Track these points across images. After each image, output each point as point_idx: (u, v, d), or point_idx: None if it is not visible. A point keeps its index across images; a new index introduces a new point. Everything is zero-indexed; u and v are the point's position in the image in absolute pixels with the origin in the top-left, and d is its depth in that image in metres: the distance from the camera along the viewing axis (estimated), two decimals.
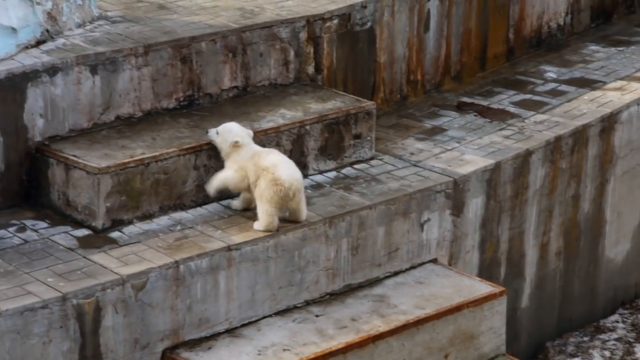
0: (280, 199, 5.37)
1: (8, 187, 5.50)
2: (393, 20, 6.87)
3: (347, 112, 6.15)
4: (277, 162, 5.41)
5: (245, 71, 6.21)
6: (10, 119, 5.44)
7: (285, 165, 5.43)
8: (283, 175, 5.37)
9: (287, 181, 5.36)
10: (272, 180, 5.35)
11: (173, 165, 5.55)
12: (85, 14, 6.04)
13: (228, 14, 6.33)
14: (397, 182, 6.04)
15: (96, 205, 5.35)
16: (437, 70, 7.28)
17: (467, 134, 6.69)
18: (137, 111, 5.85)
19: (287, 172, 5.39)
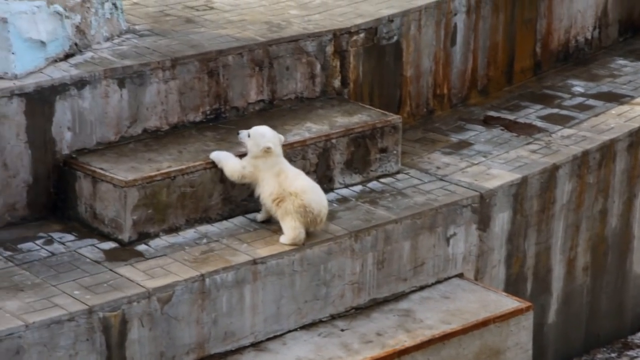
0: (305, 223, 5.40)
1: (36, 199, 5.53)
2: (419, 34, 6.87)
3: (373, 126, 6.14)
4: (307, 189, 5.41)
5: (272, 85, 6.22)
6: (39, 132, 5.47)
7: (314, 192, 5.43)
8: (313, 203, 5.38)
9: (316, 209, 5.39)
10: (302, 207, 5.36)
11: (199, 179, 5.57)
12: (113, 27, 6.07)
13: (255, 27, 6.35)
14: (423, 196, 6.03)
15: (123, 218, 5.37)
16: (464, 84, 7.26)
17: (494, 148, 6.67)
18: (164, 124, 5.87)
19: (316, 199, 5.41)
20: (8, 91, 5.36)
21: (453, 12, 7.07)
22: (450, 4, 7.03)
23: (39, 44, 5.58)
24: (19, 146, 5.43)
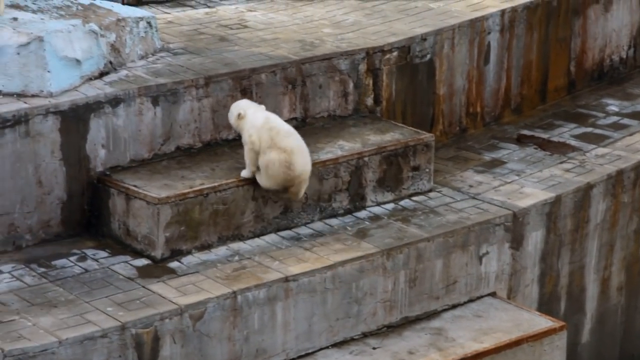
0: (283, 180, 5.51)
1: (70, 216, 5.57)
2: (453, 53, 6.86)
3: (406, 144, 6.14)
4: (296, 149, 5.51)
5: (305, 102, 6.24)
6: (74, 149, 5.52)
7: (302, 154, 5.52)
8: (297, 164, 5.48)
9: (298, 170, 5.49)
10: (286, 163, 5.46)
11: (232, 196, 5.59)
12: (147, 46, 6.12)
13: (288, 46, 6.37)
14: (455, 215, 6.01)
15: (155, 235, 5.40)
16: (497, 102, 7.25)
17: (527, 167, 6.64)
18: (197, 142, 5.90)
19: (302, 161, 5.51)
20: (43, 109, 5.41)
21: (487, 31, 7.06)
22: (484, 23, 7.02)
23: (75, 62, 5.63)
24: (53, 163, 5.48)
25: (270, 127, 5.53)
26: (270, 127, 5.54)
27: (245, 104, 5.67)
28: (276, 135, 5.52)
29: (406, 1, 7.25)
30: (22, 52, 5.47)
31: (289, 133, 5.57)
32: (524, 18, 7.27)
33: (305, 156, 5.58)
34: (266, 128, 5.53)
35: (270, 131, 5.52)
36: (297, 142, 5.56)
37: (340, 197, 5.95)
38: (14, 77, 5.48)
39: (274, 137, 5.51)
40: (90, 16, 5.83)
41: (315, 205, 5.87)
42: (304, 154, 5.56)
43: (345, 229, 5.82)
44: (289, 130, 5.59)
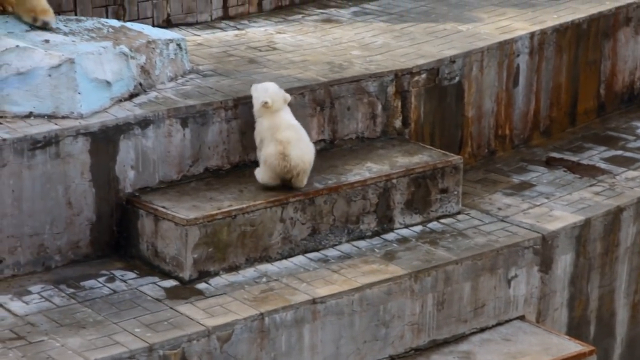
0: (280, 172, 5.57)
1: (99, 237, 5.60)
2: (482, 75, 6.86)
3: (434, 167, 6.13)
4: (292, 140, 5.56)
5: (333, 124, 6.25)
6: (103, 170, 5.55)
7: (298, 145, 5.58)
8: (292, 155, 5.54)
9: (293, 161, 5.55)
10: (281, 155, 5.52)
11: (259, 218, 5.60)
12: (177, 67, 6.16)
13: (317, 68, 6.39)
14: (484, 238, 5.98)
15: (183, 256, 5.42)
16: (526, 125, 7.23)
17: (556, 190, 6.61)
18: (225, 163, 5.92)
19: (297, 153, 5.56)
20: (74, 130, 5.45)
21: (516, 53, 7.05)
22: (513, 45, 7.01)
23: (105, 84, 5.67)
24: (83, 184, 5.51)
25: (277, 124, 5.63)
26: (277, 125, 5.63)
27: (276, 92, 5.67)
28: (277, 130, 5.59)
29: (435, 23, 7.25)
30: (53, 74, 5.52)
31: (288, 125, 5.64)
32: (554, 40, 7.26)
33: (303, 147, 5.62)
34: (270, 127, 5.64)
35: (271, 129, 5.62)
36: (295, 134, 5.62)
37: (368, 219, 5.94)
38: (45, 99, 5.53)
39: (274, 131, 5.60)
40: (120, 38, 5.88)
41: (343, 227, 5.87)
42: (300, 145, 5.62)
43: (373, 251, 5.81)
44: (289, 123, 5.65)
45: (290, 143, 5.57)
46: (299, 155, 5.59)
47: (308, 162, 5.66)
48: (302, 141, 5.65)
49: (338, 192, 5.82)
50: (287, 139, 5.58)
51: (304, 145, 5.65)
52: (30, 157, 5.35)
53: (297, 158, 5.58)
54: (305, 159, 5.62)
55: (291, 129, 5.63)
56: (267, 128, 5.64)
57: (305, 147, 5.66)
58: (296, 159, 5.58)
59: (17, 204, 5.36)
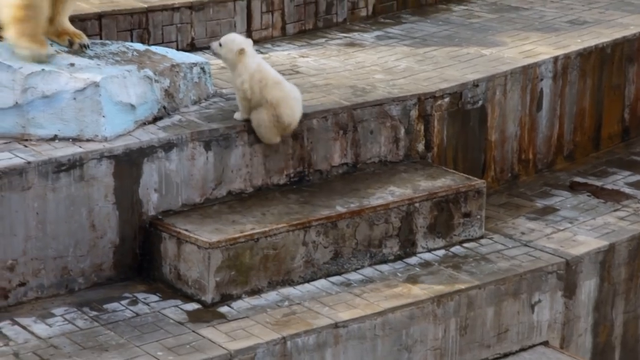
0: (277, 133, 5.78)
1: (122, 260, 5.61)
2: (505, 99, 6.85)
3: (457, 191, 6.12)
4: (281, 100, 5.69)
5: (356, 148, 6.25)
6: (127, 193, 5.57)
7: (288, 103, 5.72)
8: (284, 115, 5.70)
9: (286, 121, 5.73)
10: (274, 117, 5.70)
11: (282, 241, 5.60)
12: (201, 91, 6.18)
13: (340, 91, 6.40)
14: (507, 262, 5.96)
15: (206, 279, 5.42)
16: (550, 149, 7.21)
17: (580, 215, 6.58)
18: (248, 187, 5.93)
19: (288, 112, 5.72)
20: (98, 153, 5.48)
21: (539, 78, 7.04)
22: (536, 69, 7.01)
23: (129, 107, 5.70)
24: (107, 207, 5.53)
25: (260, 77, 5.74)
26: (260, 78, 5.74)
27: (245, 40, 5.84)
28: (264, 87, 5.73)
29: (458, 48, 7.26)
30: (78, 97, 5.56)
31: (275, 82, 5.76)
32: (577, 65, 7.24)
33: (292, 105, 5.77)
34: (257, 79, 5.74)
35: (260, 83, 5.73)
36: (282, 92, 5.75)
37: (390, 243, 5.93)
38: (70, 122, 5.56)
39: (262, 88, 5.73)
40: (145, 62, 5.91)
41: (366, 251, 5.86)
42: (290, 103, 5.76)
43: (395, 275, 5.80)
44: (275, 79, 5.78)
45: (279, 104, 5.71)
46: (290, 114, 5.75)
47: (299, 118, 5.82)
48: (292, 98, 5.78)
49: (361, 216, 5.82)
50: (276, 99, 5.71)
51: (294, 102, 5.79)
52: (54, 179, 5.38)
53: (288, 118, 5.75)
54: (296, 117, 5.80)
55: (278, 85, 5.75)
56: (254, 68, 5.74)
57: (296, 103, 5.80)
58: (287, 119, 5.75)
59: (41, 226, 5.38)
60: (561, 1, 8.24)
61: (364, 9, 7.72)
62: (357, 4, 7.67)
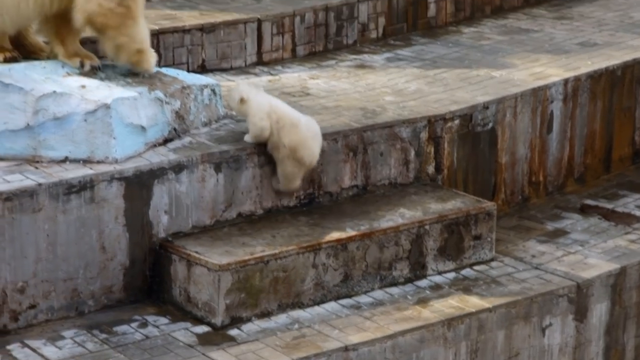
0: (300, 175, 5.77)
1: (132, 282, 5.61)
2: (515, 122, 6.84)
3: (467, 213, 6.11)
4: (299, 143, 5.68)
5: (366, 170, 6.25)
6: (137, 215, 5.57)
7: (306, 144, 5.70)
8: (305, 157, 5.71)
9: (307, 162, 5.73)
10: (296, 160, 5.69)
11: (292, 263, 5.59)
12: (211, 113, 6.19)
13: (350, 113, 6.41)
14: (518, 285, 5.94)
15: (216, 302, 5.41)
16: (560, 172, 7.19)
17: (591, 237, 6.56)
18: (258, 209, 5.93)
19: (308, 152, 5.70)
20: (108, 175, 5.49)
21: (549, 100, 7.03)
22: (546, 92, 7.00)
23: (140, 129, 5.71)
24: (117, 229, 5.53)
25: (277, 118, 5.72)
26: (277, 119, 5.72)
27: (247, 87, 5.86)
28: (282, 129, 5.70)
29: (468, 70, 7.26)
30: (89, 119, 5.57)
31: (292, 125, 5.72)
32: (588, 87, 7.24)
33: (311, 145, 5.75)
34: (273, 120, 5.72)
35: (277, 124, 5.71)
36: (300, 135, 5.71)
37: (400, 265, 5.92)
38: (81, 144, 5.57)
39: (280, 130, 5.70)
40: (156, 84, 5.92)
41: (376, 273, 5.85)
42: (308, 144, 5.73)
43: (405, 298, 5.78)
44: (292, 121, 5.74)
45: (298, 148, 5.70)
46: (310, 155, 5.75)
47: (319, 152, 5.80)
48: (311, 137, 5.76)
49: (371, 238, 5.81)
50: (295, 143, 5.69)
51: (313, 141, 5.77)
52: (65, 201, 5.39)
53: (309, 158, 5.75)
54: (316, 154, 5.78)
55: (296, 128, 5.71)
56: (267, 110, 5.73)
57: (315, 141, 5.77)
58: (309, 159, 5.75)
59: (51, 248, 5.39)
60: (571, 23, 8.24)
61: (374, 31, 7.73)
62: (367, 26, 7.68)
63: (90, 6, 5.58)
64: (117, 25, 5.64)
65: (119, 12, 5.61)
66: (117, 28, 5.65)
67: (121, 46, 5.73)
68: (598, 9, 8.59)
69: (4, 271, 5.30)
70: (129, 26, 5.66)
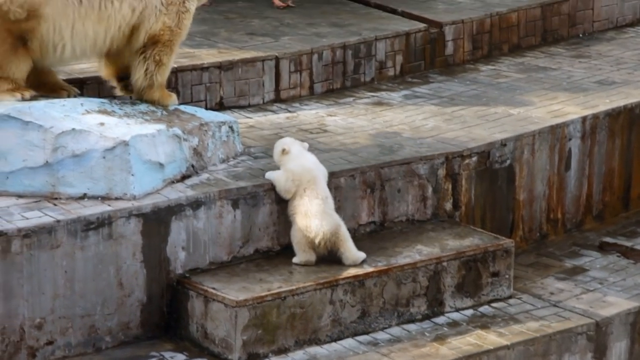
0: (308, 244, 5.66)
1: (149, 318, 5.61)
2: (533, 159, 6.84)
3: (485, 250, 6.09)
4: (313, 213, 5.65)
5: (383, 207, 6.25)
6: (154, 251, 5.59)
7: (318, 216, 5.65)
8: (313, 226, 5.64)
9: (314, 232, 5.64)
10: (304, 228, 5.65)
11: (309, 300, 5.58)
12: (229, 149, 6.22)
13: (367, 150, 6.42)
14: (536, 323, 5.90)
15: (233, 338, 5.40)
16: (578, 209, 7.17)
17: (610, 275, 6.52)
18: (275, 245, 5.93)
19: (317, 223, 5.65)
20: (126, 212, 5.51)
21: (567, 137, 7.03)
22: (564, 129, 7.00)
23: (158, 166, 5.74)
24: (134, 265, 5.55)
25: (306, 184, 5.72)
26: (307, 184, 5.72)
27: (292, 143, 5.93)
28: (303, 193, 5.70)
29: (486, 107, 7.27)
30: (107, 156, 5.60)
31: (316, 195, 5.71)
32: (606, 125, 7.23)
33: (324, 217, 5.68)
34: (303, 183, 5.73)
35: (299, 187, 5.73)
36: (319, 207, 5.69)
37: (418, 302, 5.90)
38: (99, 181, 5.60)
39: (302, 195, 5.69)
40: (174, 121, 5.96)
41: (393, 310, 5.83)
42: (324, 216, 5.68)
43: (423, 335, 5.75)
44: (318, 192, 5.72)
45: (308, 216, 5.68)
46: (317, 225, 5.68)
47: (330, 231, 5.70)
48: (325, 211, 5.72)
49: (388, 275, 5.80)
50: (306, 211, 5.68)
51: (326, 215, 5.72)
52: (83, 238, 5.41)
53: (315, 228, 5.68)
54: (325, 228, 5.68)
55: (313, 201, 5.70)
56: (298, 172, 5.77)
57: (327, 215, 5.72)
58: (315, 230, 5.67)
59: (69, 284, 5.40)
60: (589, 62, 8.25)
61: (392, 68, 7.76)
62: (384, 64, 7.71)
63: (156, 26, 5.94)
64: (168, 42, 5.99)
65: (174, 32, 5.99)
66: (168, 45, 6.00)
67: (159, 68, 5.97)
68: (616, 47, 8.60)
69: (22, 307, 5.31)
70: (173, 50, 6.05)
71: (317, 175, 5.80)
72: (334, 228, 5.70)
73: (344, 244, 5.73)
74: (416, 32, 7.83)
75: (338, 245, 5.72)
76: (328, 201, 5.78)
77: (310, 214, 5.68)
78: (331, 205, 5.80)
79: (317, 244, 5.68)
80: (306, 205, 5.70)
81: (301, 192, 5.73)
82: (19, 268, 5.29)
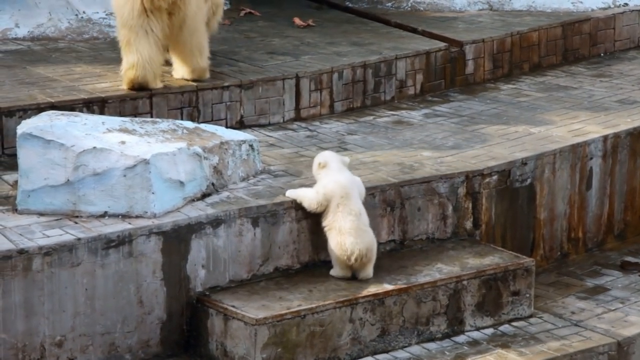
0: (342, 260, 5.68)
1: (169, 336, 5.62)
2: (554, 178, 6.82)
3: (506, 269, 6.07)
4: (347, 230, 5.65)
5: (403, 225, 6.24)
6: (174, 269, 5.60)
7: (352, 233, 5.65)
8: (347, 244, 5.64)
9: (349, 250, 5.64)
10: (338, 244, 5.64)
11: (329, 318, 5.58)
12: (249, 168, 6.24)
13: (387, 168, 6.42)
14: (557, 342, 5.87)
15: (252, 356, 5.40)
16: (600, 228, 7.14)
17: (632, 295, 6.49)
18: (295, 263, 5.94)
19: (351, 240, 5.65)
20: (147, 230, 5.53)
21: (589, 156, 7.01)
22: (585, 148, 6.98)
23: (178, 184, 5.76)
24: (154, 283, 5.56)
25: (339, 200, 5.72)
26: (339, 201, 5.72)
27: (332, 157, 5.94)
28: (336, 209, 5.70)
29: (506, 126, 7.27)
30: (128, 175, 5.63)
31: (349, 212, 5.71)
32: (627, 144, 7.21)
33: (358, 234, 5.68)
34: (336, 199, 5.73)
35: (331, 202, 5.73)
36: (353, 223, 5.69)
37: (438, 320, 5.88)
38: (120, 199, 5.63)
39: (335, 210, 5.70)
40: (194, 139, 5.99)
41: (413, 328, 5.82)
42: (358, 233, 5.68)
43: (443, 354, 5.74)
44: (351, 209, 5.72)
45: (342, 232, 5.67)
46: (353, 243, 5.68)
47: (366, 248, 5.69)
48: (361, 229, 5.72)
49: (408, 293, 5.79)
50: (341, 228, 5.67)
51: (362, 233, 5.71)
52: (103, 256, 5.43)
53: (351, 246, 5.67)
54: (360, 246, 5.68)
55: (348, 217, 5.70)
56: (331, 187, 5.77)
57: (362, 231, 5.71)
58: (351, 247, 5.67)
59: (89, 302, 5.42)
60: (610, 81, 8.23)
61: (412, 87, 7.77)
62: (405, 83, 7.73)
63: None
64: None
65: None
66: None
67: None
68: (637, 66, 8.58)
69: (42, 325, 5.33)
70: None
71: (350, 192, 5.78)
72: (369, 244, 5.71)
73: (371, 261, 5.74)
74: (436, 51, 7.85)
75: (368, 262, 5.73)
76: (362, 217, 5.76)
77: (344, 230, 5.68)
78: (366, 222, 5.79)
79: (353, 261, 5.67)
80: (339, 222, 5.69)
81: (334, 208, 5.73)
82: (40, 286, 5.31)
